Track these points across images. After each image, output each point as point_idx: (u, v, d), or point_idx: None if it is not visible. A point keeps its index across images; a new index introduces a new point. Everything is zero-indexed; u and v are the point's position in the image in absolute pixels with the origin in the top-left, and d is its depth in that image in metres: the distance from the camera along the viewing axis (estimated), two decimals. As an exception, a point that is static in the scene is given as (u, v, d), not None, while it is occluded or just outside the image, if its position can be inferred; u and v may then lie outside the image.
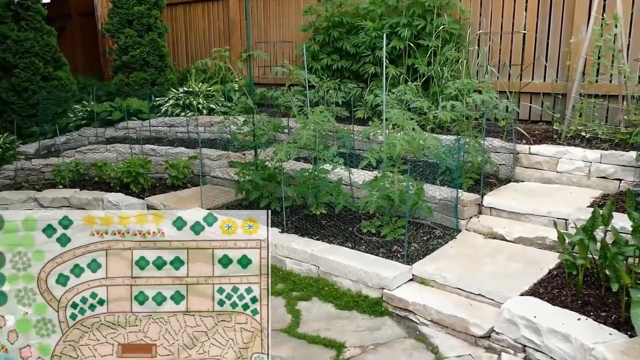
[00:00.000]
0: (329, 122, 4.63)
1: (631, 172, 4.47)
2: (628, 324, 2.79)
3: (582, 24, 5.46)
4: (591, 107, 5.26)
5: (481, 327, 3.16)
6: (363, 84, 6.63)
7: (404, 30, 6.10)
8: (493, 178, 5.08)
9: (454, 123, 5.24)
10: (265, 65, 8.53)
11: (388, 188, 4.16)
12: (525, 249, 3.99)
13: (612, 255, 2.90)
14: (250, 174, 4.99)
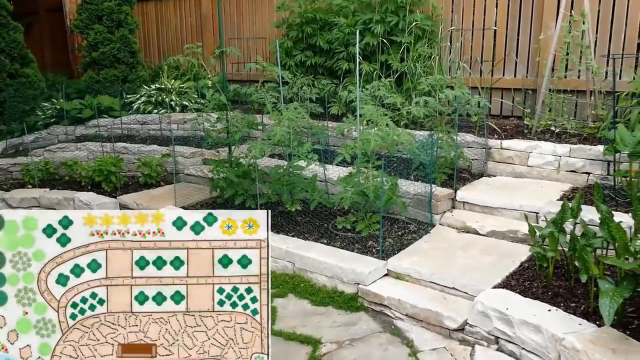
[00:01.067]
0: (303, 119, 4.62)
1: (599, 165, 4.58)
2: (597, 314, 2.86)
3: (551, 20, 5.56)
4: (560, 102, 5.36)
5: (455, 320, 3.20)
6: (337, 80, 6.64)
7: (377, 26, 6.12)
8: (466, 173, 5.14)
9: (427, 119, 5.29)
10: (238, 62, 8.48)
11: (363, 184, 4.18)
12: (498, 242, 4.06)
13: (581, 247, 2.97)
14: (224, 171, 4.95)
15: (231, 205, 4.98)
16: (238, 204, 4.86)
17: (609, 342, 2.61)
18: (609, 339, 2.64)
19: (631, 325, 2.80)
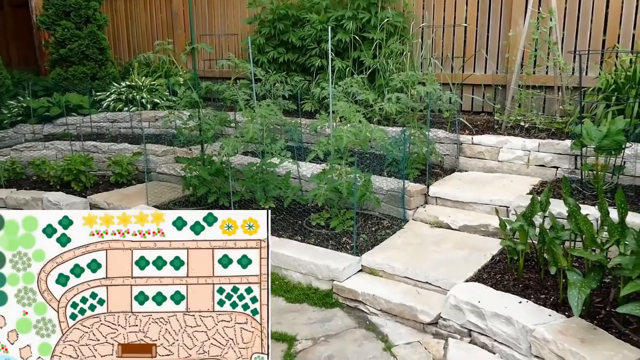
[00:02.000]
0: (276, 116, 4.61)
1: (567, 159, 4.67)
2: (566, 305, 2.93)
3: (520, 17, 5.65)
4: (529, 97, 5.45)
5: (429, 314, 3.24)
6: (310, 76, 6.64)
7: (349, 23, 6.13)
8: (438, 168, 5.19)
9: (399, 115, 5.33)
10: (210, 59, 8.40)
11: (336, 180, 4.19)
12: (470, 236, 4.11)
13: (550, 239, 3.03)
14: (197, 169, 4.91)
15: (204, 204, 4.95)
16: (211, 202, 4.83)
17: (577, 332, 2.68)
18: (578, 329, 2.70)
19: (598, 315, 2.88)
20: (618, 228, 2.83)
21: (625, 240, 2.80)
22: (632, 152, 4.26)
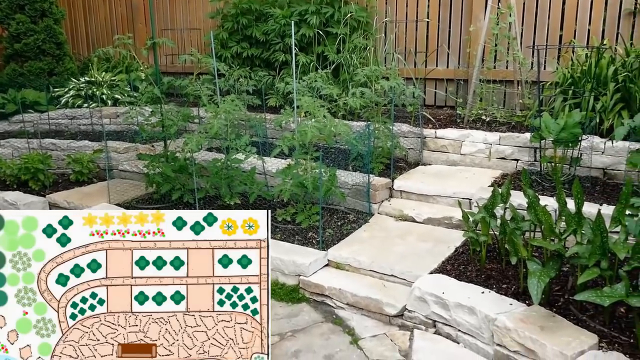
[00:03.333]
0: (240, 111, 4.57)
1: (526, 152, 4.79)
2: (526, 294, 3.00)
3: (480, 12, 5.75)
4: (490, 92, 5.56)
5: (394, 306, 3.28)
6: (274, 71, 6.60)
7: (312, 17, 6.12)
8: (403, 162, 5.25)
9: (363, 109, 5.36)
10: (172, 54, 8.27)
11: (301, 175, 4.19)
12: (434, 228, 4.17)
13: (511, 230, 3.10)
14: (160, 166, 4.83)
15: (168, 201, 4.88)
16: (175, 199, 4.76)
17: (537, 320, 2.75)
18: (538, 317, 2.78)
19: (557, 303, 2.96)
20: (575, 218, 2.91)
21: (582, 230, 2.89)
22: (588, 144, 4.40)
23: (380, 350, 3.02)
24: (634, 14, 5.21)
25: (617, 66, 4.71)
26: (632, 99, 4.52)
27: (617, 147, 4.35)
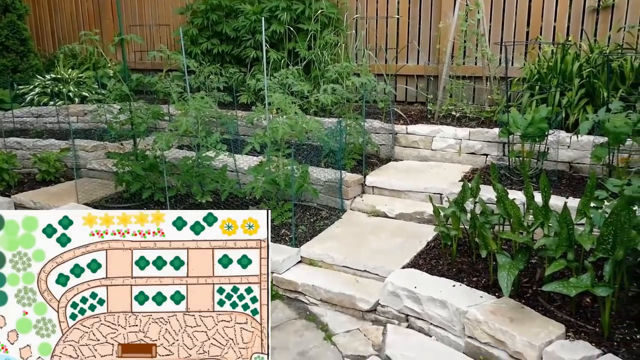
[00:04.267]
0: (211, 108, 4.53)
1: (495, 147, 4.87)
2: (496, 286, 3.05)
3: (449, 9, 5.81)
4: (460, 88, 5.63)
5: (367, 301, 3.30)
6: (245, 68, 6.56)
7: (283, 14, 6.10)
8: (374, 158, 5.28)
9: (335, 106, 5.37)
10: (141, 50, 8.13)
11: (273, 172, 4.17)
12: (406, 224, 4.21)
13: (481, 224, 3.15)
14: (130, 164, 4.76)
15: (138, 200, 4.81)
16: (146, 198, 4.70)
17: (507, 312, 2.81)
18: (507, 309, 2.83)
19: (526, 294, 3.02)
20: (542, 211, 2.98)
21: (549, 223, 2.95)
22: (555, 139, 4.49)
23: (354, 346, 3.04)
24: (597, 11, 5.34)
25: (581, 62, 4.82)
26: (596, 94, 4.63)
27: (582, 141, 4.46)
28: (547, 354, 2.52)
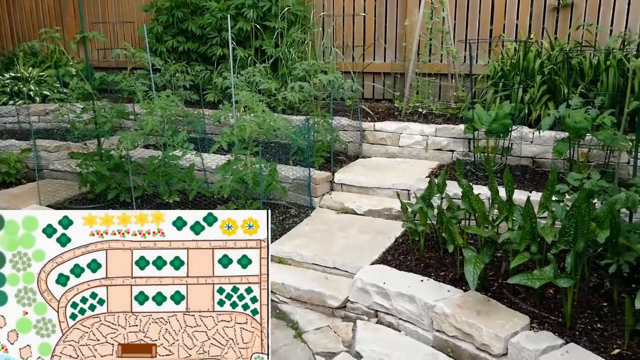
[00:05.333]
0: (177, 107, 4.48)
1: (461, 143, 4.94)
2: (463, 280, 3.11)
3: (414, 7, 5.87)
4: (426, 85, 5.70)
5: (337, 298, 3.31)
6: (212, 66, 6.50)
7: (249, 11, 6.06)
8: (343, 155, 5.30)
9: (303, 103, 5.37)
10: (105, 48, 7.97)
11: (241, 171, 4.15)
12: (374, 220, 4.24)
13: (447, 219, 3.20)
14: (94, 164, 4.66)
15: (104, 200, 4.72)
16: (111, 198, 4.62)
17: (473, 305, 2.86)
18: (474, 302, 2.89)
19: (492, 287, 3.08)
20: (506, 205, 3.04)
21: (513, 216, 3.02)
22: (518, 135, 4.59)
23: (324, 343, 3.05)
24: (557, 10, 5.47)
25: (543, 59, 4.93)
26: (557, 91, 4.75)
27: (544, 137, 4.56)
28: (513, 345, 2.58)
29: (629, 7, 5.23)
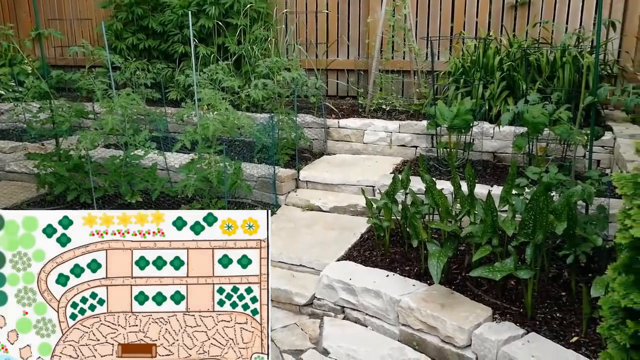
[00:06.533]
0: (138, 105, 4.39)
1: (424, 139, 5.01)
2: (427, 274, 3.15)
3: (377, 4, 5.91)
4: (389, 81, 5.75)
5: (304, 295, 3.32)
6: (174, 64, 6.40)
7: (211, 8, 5.99)
8: (308, 153, 5.30)
9: (267, 101, 5.34)
10: (62, 45, 7.75)
11: (205, 170, 4.10)
12: (340, 217, 4.26)
13: (411, 215, 3.24)
14: (52, 165, 4.54)
15: (63, 202, 4.60)
16: (71, 200, 4.50)
17: (438, 298, 2.90)
18: (438, 295, 2.93)
19: (456, 281, 3.14)
20: (468, 200, 3.10)
21: (475, 211, 3.08)
22: (479, 130, 4.68)
23: (291, 340, 3.05)
24: (515, 7, 5.60)
25: (502, 56, 5.04)
26: (516, 87, 4.86)
27: (504, 132, 4.67)
28: (476, 336, 2.63)
29: (583, 5, 5.40)
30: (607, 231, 3.13)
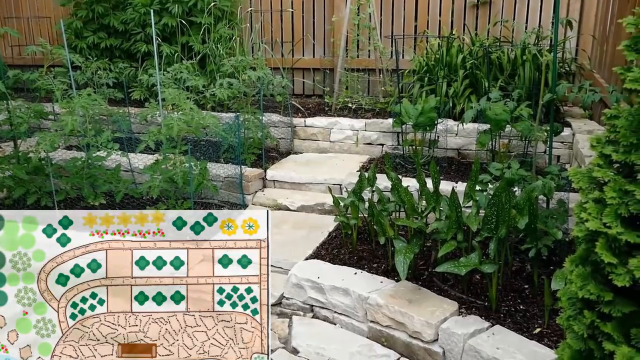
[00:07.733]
0: (100, 106, 4.30)
1: (390, 137, 5.05)
2: (395, 271, 3.18)
3: (342, 3, 5.93)
4: (355, 80, 5.78)
5: (272, 295, 3.30)
6: (136, 63, 6.29)
7: (174, 6, 5.91)
8: (274, 152, 5.29)
9: (232, 100, 5.31)
10: (19, 44, 7.52)
11: (170, 170, 4.04)
12: (308, 215, 4.27)
13: (378, 212, 3.26)
14: (10, 168, 4.40)
15: (23, 206, 4.46)
16: (31, 203, 4.37)
17: (405, 294, 2.94)
18: (405, 292, 2.97)
19: (422, 277, 3.18)
20: (433, 196, 3.14)
21: (440, 207, 3.12)
22: (443, 128, 4.75)
23: (261, 340, 3.04)
24: (477, 6, 5.70)
25: (465, 54, 5.12)
26: (479, 84, 4.95)
27: (468, 129, 4.75)
28: (443, 330, 2.67)
29: (542, 5, 5.53)
30: (567, 224, 3.23)
